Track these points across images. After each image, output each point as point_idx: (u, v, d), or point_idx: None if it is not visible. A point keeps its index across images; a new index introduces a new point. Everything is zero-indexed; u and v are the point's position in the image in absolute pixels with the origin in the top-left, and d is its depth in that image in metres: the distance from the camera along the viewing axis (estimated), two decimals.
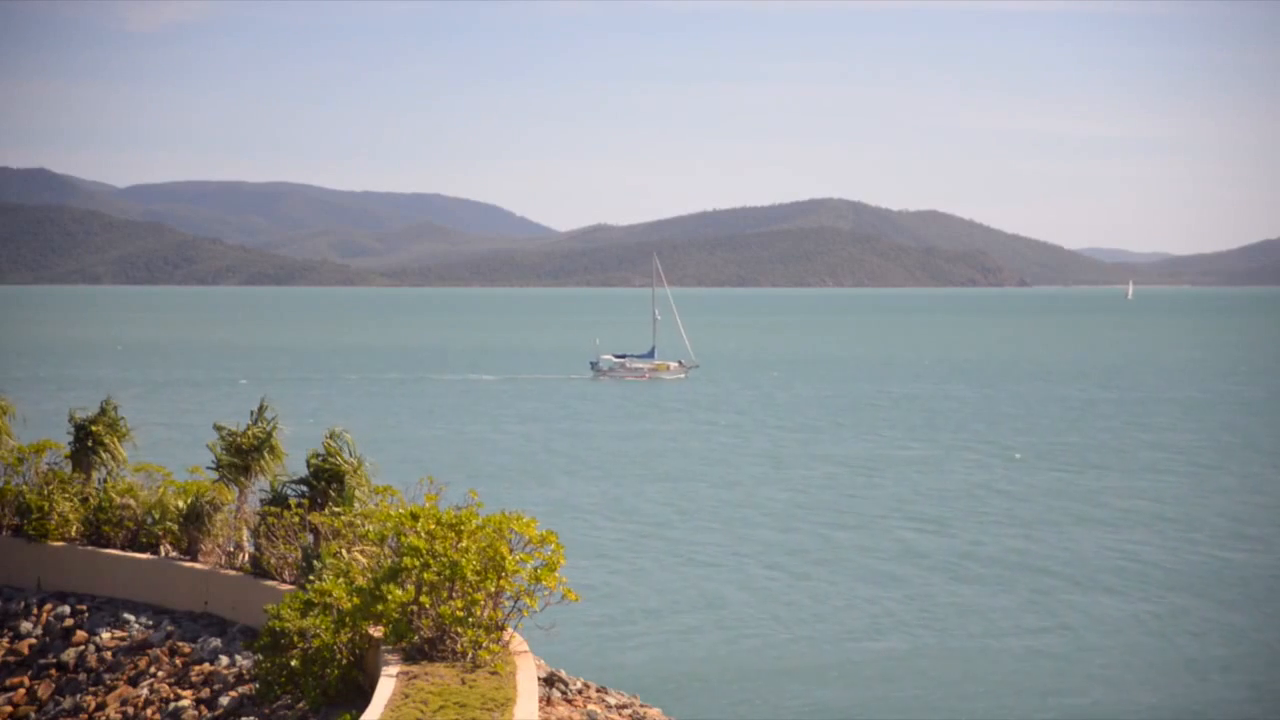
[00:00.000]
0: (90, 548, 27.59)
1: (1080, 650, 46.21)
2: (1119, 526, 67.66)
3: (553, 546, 19.21)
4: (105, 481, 28.91)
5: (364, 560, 21.41)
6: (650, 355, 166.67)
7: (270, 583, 24.25)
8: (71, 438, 29.77)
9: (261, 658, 20.93)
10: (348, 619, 19.83)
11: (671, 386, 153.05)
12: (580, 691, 22.06)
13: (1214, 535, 65.61)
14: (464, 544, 19.04)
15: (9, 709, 25.33)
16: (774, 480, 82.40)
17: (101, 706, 24.21)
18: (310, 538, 23.85)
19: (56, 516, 28.02)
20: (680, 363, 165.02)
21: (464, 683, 17.84)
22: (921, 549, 61.85)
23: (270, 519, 24.63)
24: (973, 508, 72.52)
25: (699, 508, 72.52)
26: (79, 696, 24.74)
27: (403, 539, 19.36)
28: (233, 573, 25.39)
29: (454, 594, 18.89)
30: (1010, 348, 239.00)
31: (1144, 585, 55.30)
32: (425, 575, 18.82)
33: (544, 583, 18.97)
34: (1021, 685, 42.63)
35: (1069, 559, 59.92)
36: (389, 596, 19.02)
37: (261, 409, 27.46)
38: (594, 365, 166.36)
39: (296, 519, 24.35)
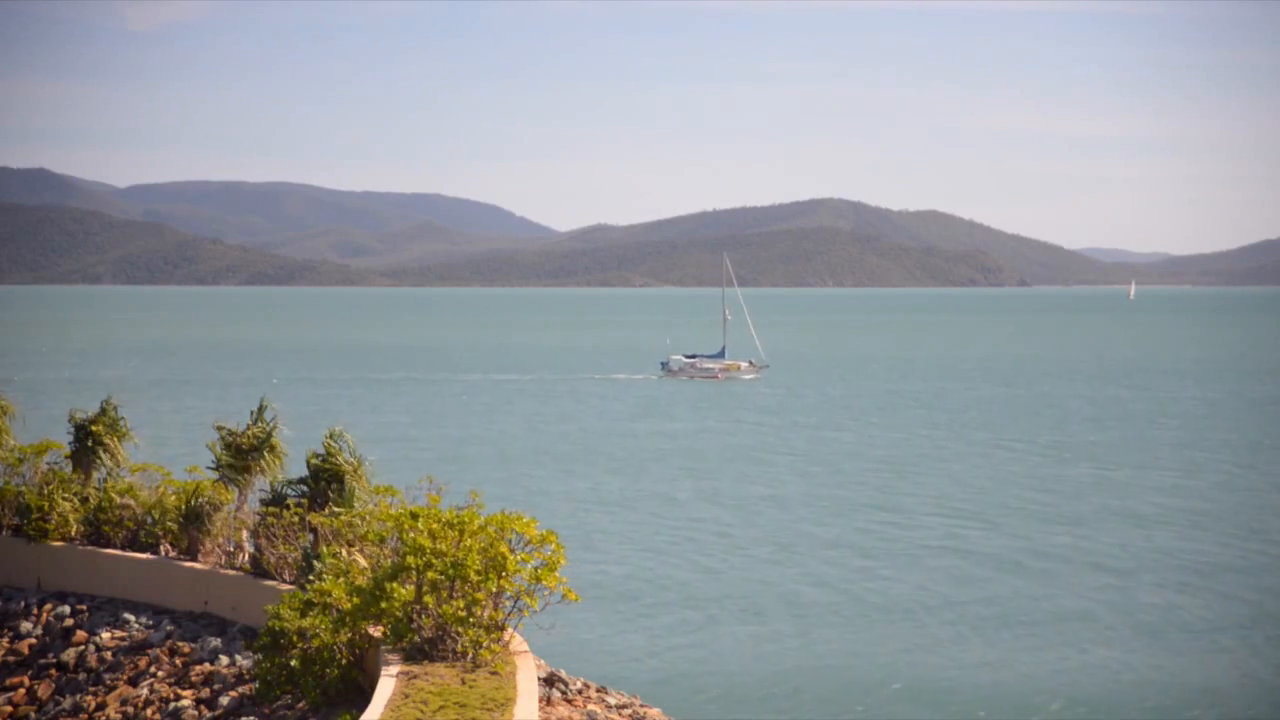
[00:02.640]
0: (90, 548, 27.56)
1: (1126, 655, 45.95)
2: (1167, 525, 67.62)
3: (553, 546, 19.22)
4: (105, 481, 28.88)
5: (364, 560, 21.40)
6: (721, 355, 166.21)
7: (270, 583, 24.25)
8: (71, 438, 29.76)
9: (261, 658, 20.92)
10: (347, 619, 19.83)
11: (743, 386, 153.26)
12: (580, 691, 22.05)
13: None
14: (466, 543, 19.05)
15: (9, 709, 25.31)
16: (793, 480, 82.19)
17: (101, 706, 24.19)
18: (310, 538, 23.84)
19: (56, 516, 28.00)
20: (751, 363, 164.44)
21: (464, 683, 17.83)
22: (933, 549, 61.77)
23: (270, 519, 24.63)
24: (1011, 508, 72.21)
25: (710, 506, 72.39)
26: (79, 696, 24.72)
27: (405, 537, 19.36)
28: (232, 573, 25.37)
29: (455, 594, 18.89)
30: (1037, 347, 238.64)
31: (1188, 583, 55.25)
32: (428, 574, 18.82)
33: (544, 583, 18.97)
34: (1058, 685, 42.60)
35: (1114, 558, 59.75)
36: (393, 594, 19.01)
37: (261, 409, 27.45)
38: (664, 365, 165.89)
39: (296, 519, 24.35)
